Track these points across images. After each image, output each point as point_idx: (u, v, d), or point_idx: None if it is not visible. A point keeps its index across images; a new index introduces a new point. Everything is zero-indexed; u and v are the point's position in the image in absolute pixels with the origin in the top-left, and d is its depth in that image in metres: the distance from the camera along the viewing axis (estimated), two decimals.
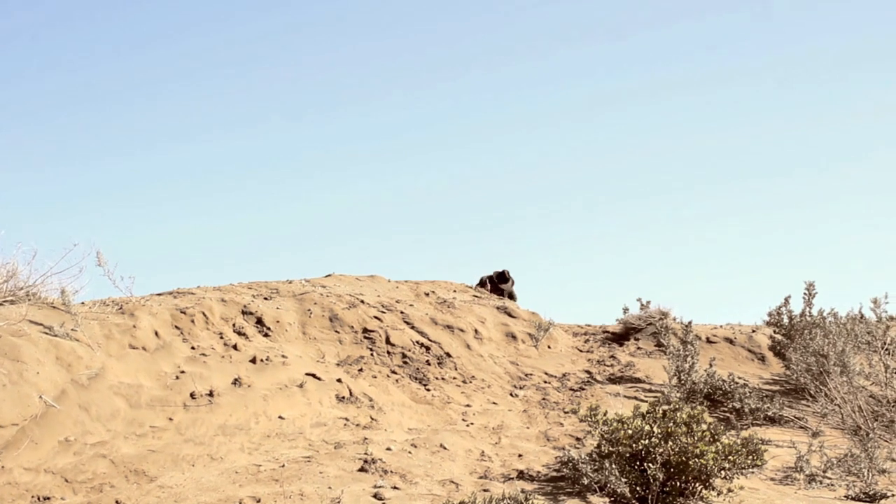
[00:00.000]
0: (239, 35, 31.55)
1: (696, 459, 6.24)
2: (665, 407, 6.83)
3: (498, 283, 15.36)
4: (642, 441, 6.43)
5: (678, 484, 6.25)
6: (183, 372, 7.64)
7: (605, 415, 6.80)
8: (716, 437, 6.56)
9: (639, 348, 12.25)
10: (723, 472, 6.35)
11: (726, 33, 31.88)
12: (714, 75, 32.28)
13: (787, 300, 11.38)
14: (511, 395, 9.77)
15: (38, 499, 5.58)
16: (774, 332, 11.58)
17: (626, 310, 13.08)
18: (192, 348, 8.26)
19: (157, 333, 8.16)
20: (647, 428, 6.51)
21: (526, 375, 10.58)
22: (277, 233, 30.79)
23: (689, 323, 11.35)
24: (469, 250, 29.84)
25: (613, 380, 10.80)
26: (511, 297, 15.39)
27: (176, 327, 8.55)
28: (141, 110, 31.15)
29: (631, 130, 32.51)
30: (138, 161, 30.87)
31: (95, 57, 30.93)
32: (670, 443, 6.39)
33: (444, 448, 7.36)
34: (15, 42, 29.25)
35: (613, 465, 6.34)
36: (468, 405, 9.10)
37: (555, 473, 7.07)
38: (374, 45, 32.70)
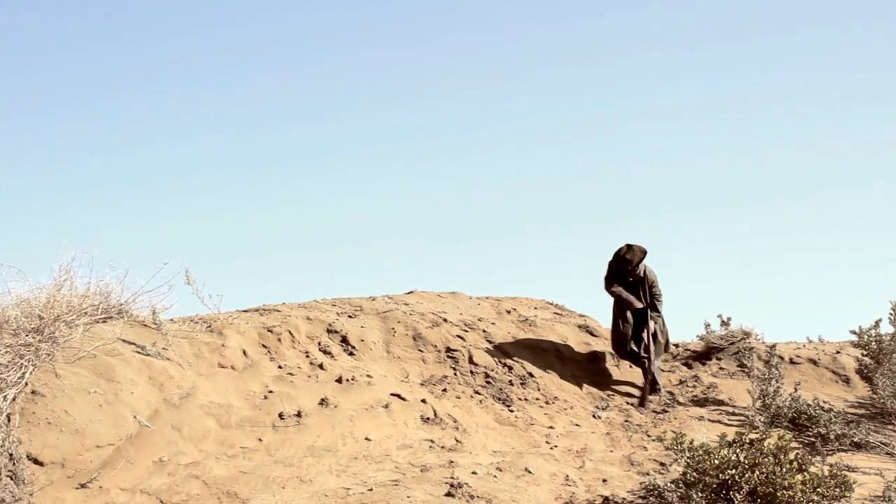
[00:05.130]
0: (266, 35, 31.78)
1: (784, 491, 6.19)
2: (752, 436, 6.78)
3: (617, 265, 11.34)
4: (729, 471, 6.40)
5: None
6: (271, 392, 7.75)
7: (690, 443, 6.77)
8: (803, 466, 6.50)
9: (721, 368, 12.11)
10: (810, 503, 6.28)
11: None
12: (800, 87, 31.82)
13: (876, 324, 11.18)
14: (594, 416, 9.75)
15: None
16: (862, 354, 11.39)
17: (707, 325, 12.91)
18: (279, 367, 8.37)
19: (245, 352, 8.28)
20: (733, 458, 6.47)
21: (608, 396, 10.56)
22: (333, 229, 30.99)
23: (774, 345, 11.22)
24: (534, 257, 29.72)
25: (696, 402, 10.71)
26: (652, 288, 11.38)
27: (263, 346, 8.67)
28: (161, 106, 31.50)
29: (713, 140, 32.15)
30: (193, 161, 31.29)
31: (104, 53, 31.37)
32: (756, 472, 6.35)
33: (529, 472, 7.37)
34: (21, 38, 29.78)
35: (700, 495, 6.31)
36: (551, 427, 9.10)
37: (640, 500, 7.02)
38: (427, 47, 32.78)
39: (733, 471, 6.37)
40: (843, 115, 31.62)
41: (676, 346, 12.70)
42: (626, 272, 11.28)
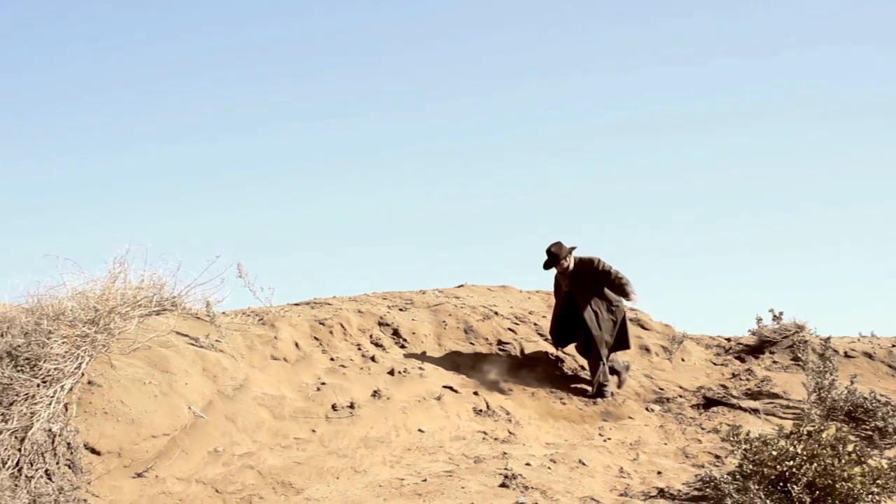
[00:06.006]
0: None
1: (844, 483, 6.10)
2: (810, 427, 6.69)
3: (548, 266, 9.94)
4: (786, 462, 6.31)
5: None
6: (324, 383, 7.77)
7: (747, 434, 6.69)
8: (862, 459, 6.40)
9: (774, 362, 11.96)
10: (870, 496, 6.18)
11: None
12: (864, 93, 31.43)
13: None
14: (647, 409, 9.67)
15: None
16: None
17: (759, 320, 12.76)
18: (332, 360, 8.40)
19: (297, 345, 8.31)
20: (791, 449, 6.38)
21: (660, 389, 10.46)
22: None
23: (828, 338, 11.07)
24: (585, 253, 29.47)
25: (750, 395, 10.57)
26: (602, 274, 10.04)
27: (315, 338, 8.70)
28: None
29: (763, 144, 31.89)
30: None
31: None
32: (815, 464, 6.25)
33: (583, 464, 7.32)
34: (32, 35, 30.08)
35: (757, 487, 6.23)
36: (604, 419, 9.05)
37: (696, 492, 6.95)
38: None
39: (791, 462, 6.28)
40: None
41: (729, 340, 12.57)
42: (558, 272, 10.10)
